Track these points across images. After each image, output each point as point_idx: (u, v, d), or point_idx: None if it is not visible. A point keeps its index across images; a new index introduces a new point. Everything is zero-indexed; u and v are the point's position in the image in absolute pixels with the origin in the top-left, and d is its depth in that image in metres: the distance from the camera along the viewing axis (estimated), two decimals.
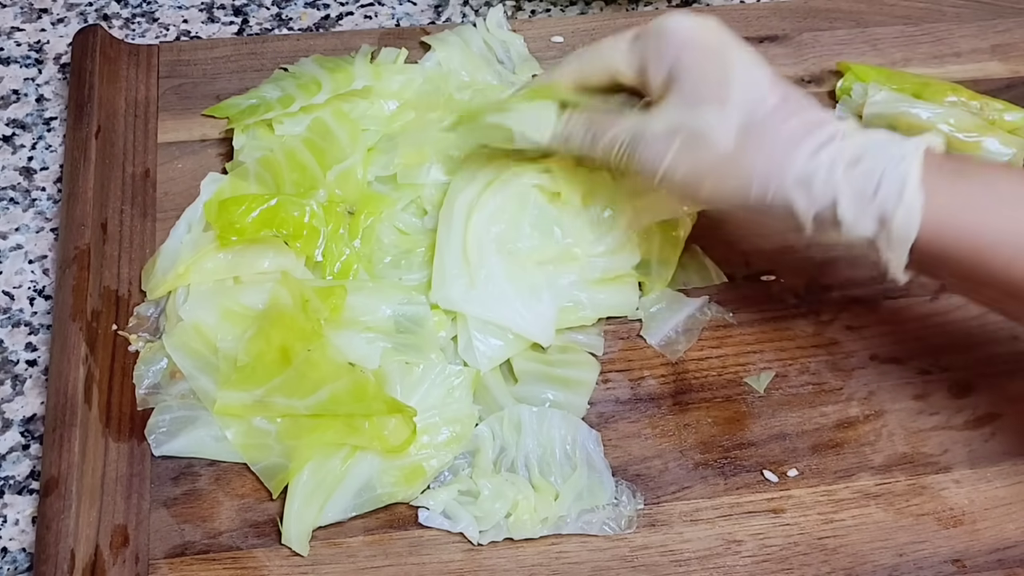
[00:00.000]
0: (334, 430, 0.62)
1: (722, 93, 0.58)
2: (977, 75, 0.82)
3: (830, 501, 0.64)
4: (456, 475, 0.63)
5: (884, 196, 0.55)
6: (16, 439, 0.66)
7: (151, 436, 0.63)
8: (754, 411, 0.67)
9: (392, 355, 0.65)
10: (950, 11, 0.85)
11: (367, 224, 0.70)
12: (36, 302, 0.71)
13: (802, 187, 0.56)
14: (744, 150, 0.58)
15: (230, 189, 0.70)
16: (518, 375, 0.66)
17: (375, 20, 0.86)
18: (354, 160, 0.72)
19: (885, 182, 0.55)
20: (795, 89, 0.60)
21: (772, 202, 0.57)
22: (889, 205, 0.55)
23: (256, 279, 0.68)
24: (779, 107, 0.58)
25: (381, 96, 0.76)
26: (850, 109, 0.78)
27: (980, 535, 0.62)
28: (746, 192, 0.58)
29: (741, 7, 0.85)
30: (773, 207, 0.58)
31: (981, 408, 0.67)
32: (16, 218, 0.75)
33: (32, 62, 0.83)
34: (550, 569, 0.61)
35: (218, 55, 0.80)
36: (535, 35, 0.82)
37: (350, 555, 0.61)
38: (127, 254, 0.70)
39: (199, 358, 0.65)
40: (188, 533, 0.61)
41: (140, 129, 0.76)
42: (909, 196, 0.54)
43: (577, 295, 0.68)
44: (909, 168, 0.55)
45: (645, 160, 0.60)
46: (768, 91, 0.59)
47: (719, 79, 0.59)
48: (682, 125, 0.59)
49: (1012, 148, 0.75)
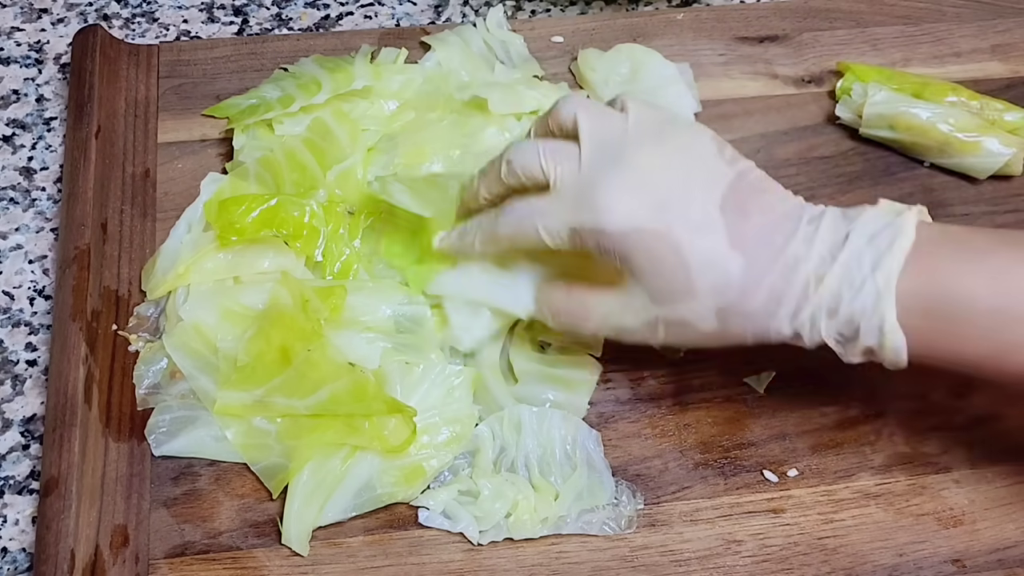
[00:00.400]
0: (334, 430, 0.62)
1: (688, 285, 0.57)
2: (977, 75, 0.82)
3: (830, 501, 0.64)
4: (456, 475, 0.63)
5: (866, 338, 0.55)
6: (16, 439, 0.66)
7: (151, 436, 0.63)
8: (754, 411, 0.67)
9: (392, 355, 0.65)
10: (950, 11, 0.85)
11: (367, 224, 0.70)
12: (36, 302, 0.71)
13: (794, 339, 0.57)
14: (726, 327, 0.58)
15: (230, 189, 0.70)
16: (518, 375, 0.66)
17: (375, 20, 0.86)
18: (354, 160, 0.72)
19: (864, 327, 0.55)
20: (758, 231, 0.57)
21: (772, 344, 0.58)
22: (874, 343, 0.55)
23: (256, 279, 0.68)
24: (745, 280, 0.56)
25: (381, 96, 0.76)
26: (850, 109, 0.78)
27: (980, 535, 0.62)
28: (743, 343, 0.59)
29: (741, 7, 0.85)
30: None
31: (981, 408, 0.67)
32: (16, 218, 0.75)
33: (32, 62, 0.83)
34: (550, 569, 0.61)
35: (218, 55, 0.80)
36: (535, 35, 0.82)
37: (350, 555, 0.61)
38: (127, 254, 0.70)
39: (199, 358, 0.65)
40: (188, 533, 0.61)
41: (140, 129, 0.76)
42: (890, 337, 0.55)
43: None
44: (884, 310, 0.54)
45: (635, 340, 0.61)
46: (731, 258, 0.56)
47: (681, 275, 0.57)
48: (659, 318, 0.59)
49: (1012, 148, 0.75)
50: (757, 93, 0.80)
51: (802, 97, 0.80)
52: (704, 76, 0.80)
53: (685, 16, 0.84)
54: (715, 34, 0.83)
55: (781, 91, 0.81)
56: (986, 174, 0.76)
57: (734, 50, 0.82)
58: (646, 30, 0.83)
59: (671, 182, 0.58)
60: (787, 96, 0.80)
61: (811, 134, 0.79)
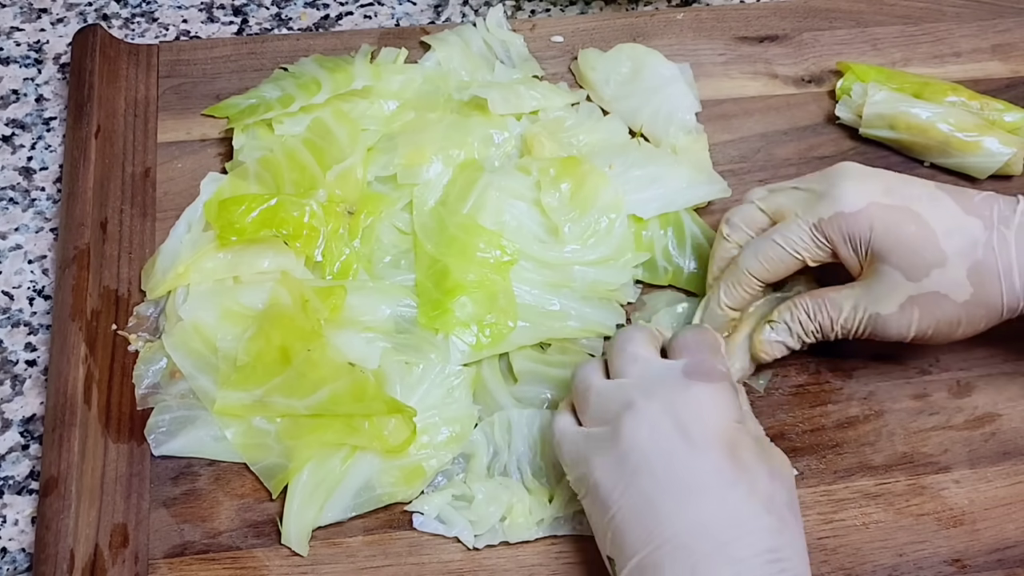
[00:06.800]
0: (334, 430, 0.62)
1: (938, 254, 0.60)
2: (977, 75, 0.82)
3: (830, 501, 0.63)
4: (450, 480, 0.63)
5: None
6: (16, 439, 0.66)
7: (151, 436, 0.63)
8: (754, 411, 0.66)
9: (392, 355, 0.65)
10: (950, 11, 0.85)
11: (367, 224, 0.70)
12: (36, 302, 0.71)
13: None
14: (983, 290, 0.60)
15: (230, 189, 0.71)
16: (518, 375, 0.66)
17: (375, 20, 0.86)
18: (354, 160, 0.72)
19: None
20: (983, 198, 0.61)
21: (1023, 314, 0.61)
22: None
23: (256, 279, 0.68)
24: (991, 236, 0.60)
25: (381, 96, 0.76)
26: (850, 109, 0.78)
27: (980, 535, 0.62)
28: (997, 318, 0.61)
29: (741, 7, 0.85)
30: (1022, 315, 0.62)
31: (981, 408, 0.67)
32: (16, 218, 0.75)
33: (32, 62, 0.83)
34: (549, 570, 0.61)
35: (218, 55, 0.80)
36: (535, 35, 0.82)
37: (350, 555, 0.61)
38: (127, 254, 0.70)
39: (199, 358, 0.65)
40: (188, 533, 0.61)
41: (140, 129, 0.76)
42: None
43: (566, 306, 0.68)
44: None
45: (890, 334, 0.62)
46: (969, 221, 0.60)
47: (927, 242, 0.60)
48: (914, 297, 0.61)
49: (1012, 148, 0.75)
50: (757, 93, 0.80)
51: (802, 97, 0.80)
52: (704, 76, 0.80)
53: (685, 16, 0.84)
54: (715, 34, 0.83)
55: (781, 91, 0.81)
56: (986, 174, 0.76)
57: (734, 50, 0.82)
58: (646, 30, 0.83)
59: (889, 174, 0.63)
60: (787, 96, 0.80)
61: (811, 134, 0.79)
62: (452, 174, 0.72)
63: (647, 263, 0.71)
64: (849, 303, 0.62)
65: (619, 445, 0.55)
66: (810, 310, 0.63)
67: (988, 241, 0.60)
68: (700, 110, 0.78)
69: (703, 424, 0.55)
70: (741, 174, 0.76)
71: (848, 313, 0.62)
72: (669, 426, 0.55)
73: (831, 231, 0.62)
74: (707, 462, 0.54)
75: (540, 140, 0.73)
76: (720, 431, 0.55)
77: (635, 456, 0.55)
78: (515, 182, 0.71)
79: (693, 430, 0.55)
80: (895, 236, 0.61)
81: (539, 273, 0.69)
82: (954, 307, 0.61)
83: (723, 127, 0.78)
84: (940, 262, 0.60)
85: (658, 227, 0.72)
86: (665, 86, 0.78)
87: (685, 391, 0.56)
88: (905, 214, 0.61)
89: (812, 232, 0.62)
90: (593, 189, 0.70)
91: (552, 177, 0.71)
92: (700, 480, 0.54)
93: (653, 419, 0.55)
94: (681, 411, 0.55)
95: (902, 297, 0.61)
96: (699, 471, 0.54)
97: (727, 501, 0.53)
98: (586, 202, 0.70)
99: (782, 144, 0.78)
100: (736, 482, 0.53)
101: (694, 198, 0.73)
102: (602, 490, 0.55)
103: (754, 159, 0.77)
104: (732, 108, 0.80)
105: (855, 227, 0.61)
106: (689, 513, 0.53)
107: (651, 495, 0.54)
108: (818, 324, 0.63)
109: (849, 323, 0.63)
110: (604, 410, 0.57)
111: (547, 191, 0.70)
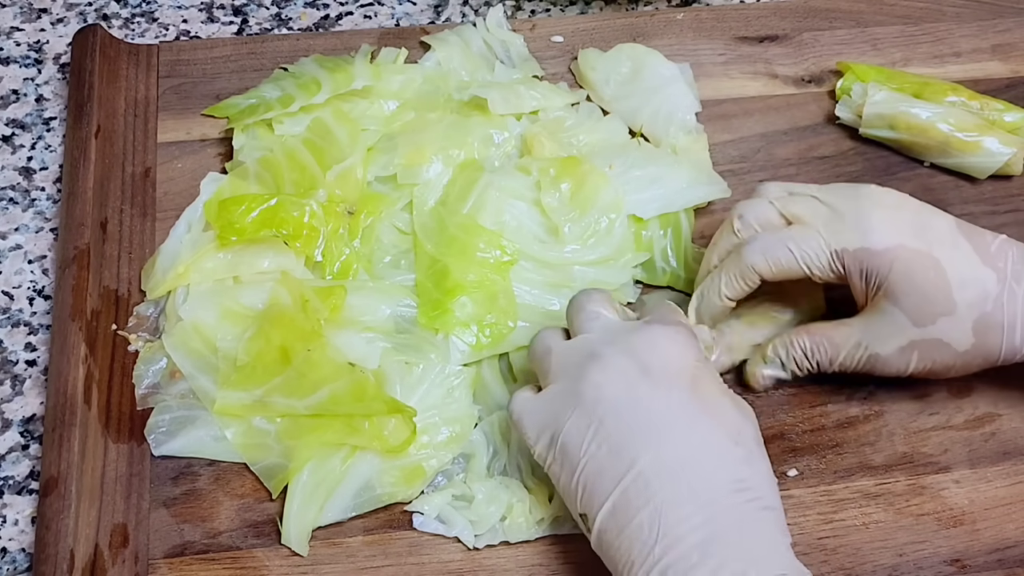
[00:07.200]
0: (334, 430, 0.62)
1: (948, 304, 0.60)
2: (977, 75, 0.82)
3: (830, 501, 0.63)
4: (450, 480, 0.63)
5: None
6: (16, 439, 0.66)
7: (151, 436, 0.63)
8: (754, 411, 0.66)
9: (392, 355, 0.65)
10: (950, 11, 0.85)
11: (367, 224, 0.70)
12: (36, 302, 0.71)
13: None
14: (984, 341, 0.61)
15: (230, 189, 0.71)
16: (518, 375, 0.67)
17: (375, 20, 0.86)
18: (354, 160, 0.72)
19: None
20: (999, 246, 0.62)
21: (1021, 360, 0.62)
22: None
23: (256, 279, 0.68)
24: (1002, 291, 0.60)
25: (381, 96, 0.76)
26: (850, 109, 0.78)
27: (980, 535, 0.62)
28: (992, 363, 0.62)
29: (741, 7, 0.85)
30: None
31: (981, 408, 0.67)
32: (16, 218, 0.75)
33: (32, 62, 0.83)
34: (550, 569, 0.61)
35: (218, 55, 0.80)
36: (535, 35, 0.82)
37: (350, 555, 0.61)
38: (127, 254, 0.70)
39: (199, 358, 0.65)
40: (188, 533, 0.61)
41: (140, 129, 0.76)
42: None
43: (566, 305, 0.68)
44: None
45: (886, 371, 0.63)
46: (984, 272, 0.60)
47: (941, 291, 0.60)
48: (916, 342, 0.61)
49: (1012, 148, 0.75)
50: (757, 93, 0.80)
51: (802, 97, 0.80)
52: (704, 76, 0.80)
53: (685, 16, 0.84)
54: (715, 34, 0.83)
55: (781, 91, 0.81)
56: (986, 174, 0.76)
57: (734, 50, 0.82)
58: (646, 30, 0.83)
59: (916, 207, 0.62)
60: (787, 96, 0.80)
61: (811, 134, 0.79)
62: (452, 174, 0.72)
63: (646, 263, 0.71)
64: (850, 343, 0.63)
65: (585, 396, 0.55)
66: (807, 348, 0.64)
67: (999, 296, 0.60)
68: (700, 110, 0.78)
69: (665, 362, 0.55)
70: (741, 174, 0.76)
71: (847, 352, 0.63)
72: (632, 368, 0.55)
73: (851, 262, 0.62)
74: (671, 398, 0.55)
75: (540, 140, 0.73)
76: (681, 368, 0.56)
77: (602, 404, 0.55)
78: (515, 182, 0.71)
79: (655, 368, 0.55)
80: (911, 281, 0.61)
81: (539, 273, 0.69)
82: (953, 355, 0.61)
83: (723, 127, 0.78)
84: (949, 311, 0.60)
85: (658, 227, 0.72)
86: (665, 86, 0.78)
87: (645, 334, 0.57)
88: (926, 260, 0.60)
89: (831, 257, 0.62)
90: (593, 189, 0.70)
91: (552, 177, 0.71)
92: (665, 416, 0.54)
93: (616, 364, 0.56)
94: (643, 352, 0.56)
95: (904, 341, 0.61)
96: (664, 408, 0.54)
97: (694, 433, 0.54)
98: (586, 202, 0.70)
99: (782, 144, 0.78)
100: (701, 414, 0.54)
101: (694, 198, 0.73)
102: (571, 446, 0.55)
103: (754, 159, 0.77)
104: (732, 108, 0.80)
105: (876, 264, 0.61)
106: (656, 448, 0.53)
107: (619, 438, 0.54)
108: (815, 363, 0.64)
109: (848, 362, 0.63)
110: (567, 367, 0.57)
111: (547, 191, 0.70)
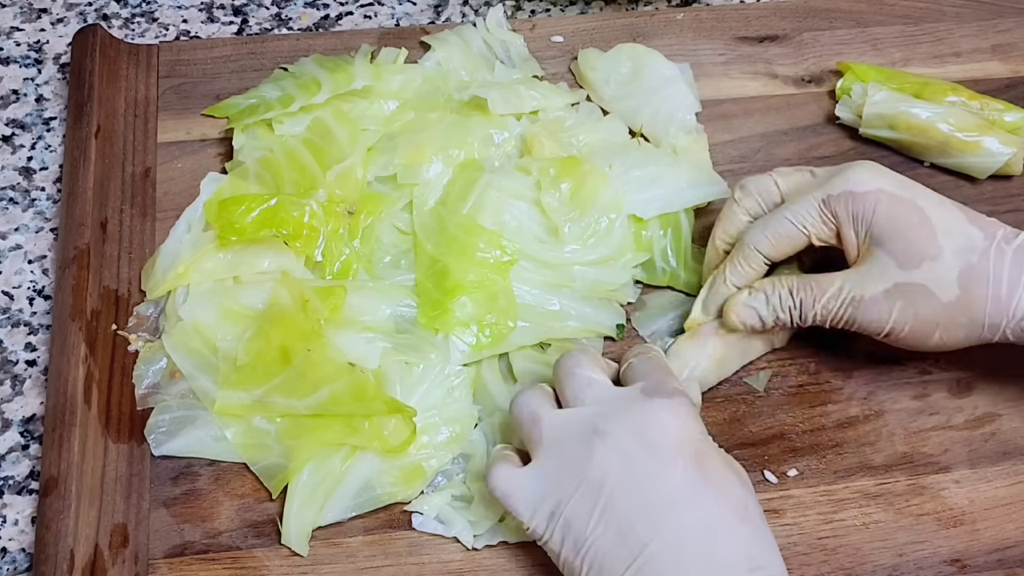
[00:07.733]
0: (334, 430, 0.62)
1: (932, 248, 0.60)
2: (977, 75, 0.82)
3: (830, 501, 0.64)
4: (450, 480, 0.63)
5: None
6: (16, 439, 0.66)
7: (151, 436, 0.63)
8: (754, 411, 0.66)
9: (392, 355, 0.65)
10: (950, 11, 0.85)
11: (367, 224, 0.70)
12: (36, 302, 0.71)
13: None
14: (969, 294, 0.60)
15: (230, 189, 0.71)
16: (517, 375, 0.66)
17: (375, 20, 0.86)
18: (354, 160, 0.72)
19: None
20: (990, 220, 0.62)
21: (1003, 338, 0.61)
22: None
23: (256, 279, 0.68)
24: (989, 246, 0.60)
25: (381, 96, 0.76)
26: (850, 109, 0.78)
27: (980, 535, 0.62)
28: (977, 334, 0.61)
29: (741, 7, 0.85)
30: (1002, 340, 0.61)
31: (981, 408, 0.67)
32: (16, 218, 0.75)
33: (32, 62, 0.83)
34: (549, 570, 0.61)
35: (218, 55, 0.80)
36: (535, 35, 0.82)
37: (350, 555, 0.61)
38: (127, 254, 0.70)
39: (199, 358, 0.65)
40: (188, 533, 0.61)
41: (140, 129, 0.76)
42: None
43: (566, 306, 0.68)
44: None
45: (867, 321, 0.62)
46: (971, 229, 0.61)
47: (925, 234, 0.60)
48: (900, 285, 0.61)
49: (1012, 148, 0.75)
50: (757, 93, 0.80)
51: (802, 97, 0.80)
52: (704, 76, 0.80)
53: (685, 16, 0.84)
54: (715, 34, 0.83)
55: (781, 91, 0.81)
56: (986, 174, 0.76)
57: (734, 50, 0.82)
58: (646, 30, 0.83)
59: (905, 179, 0.63)
60: (787, 96, 0.80)
61: (811, 134, 0.79)
62: (452, 174, 0.72)
63: (646, 263, 0.71)
64: (835, 285, 0.62)
65: (590, 475, 0.55)
66: (794, 287, 0.63)
67: (986, 250, 0.60)
68: (700, 110, 0.78)
69: (668, 439, 0.55)
70: (741, 174, 0.75)
71: (832, 293, 0.62)
72: (637, 447, 0.55)
73: (839, 207, 0.62)
74: (676, 475, 0.54)
75: (540, 140, 0.73)
76: (685, 443, 0.55)
77: (608, 483, 0.55)
78: (515, 182, 0.71)
79: (660, 446, 0.55)
80: (895, 223, 0.61)
81: (539, 273, 0.69)
82: (937, 306, 0.61)
83: (723, 127, 0.78)
84: (934, 255, 0.60)
85: (658, 227, 0.72)
86: (665, 86, 0.78)
87: (647, 409, 0.56)
88: (910, 206, 0.61)
89: (820, 208, 0.63)
90: (593, 189, 0.70)
91: (552, 177, 0.71)
92: (673, 494, 0.54)
93: (621, 443, 0.55)
94: (647, 429, 0.55)
95: (888, 283, 0.61)
96: (670, 485, 0.54)
97: (701, 510, 0.53)
98: (586, 202, 0.70)
99: (782, 144, 0.78)
100: (707, 491, 0.54)
101: (694, 198, 0.73)
102: (576, 524, 0.55)
103: (754, 159, 0.77)
104: (732, 108, 0.80)
105: (861, 206, 0.62)
106: (667, 527, 0.53)
107: (628, 517, 0.54)
108: (799, 301, 0.63)
109: (831, 304, 0.62)
110: (562, 441, 0.57)
111: (547, 191, 0.70)
